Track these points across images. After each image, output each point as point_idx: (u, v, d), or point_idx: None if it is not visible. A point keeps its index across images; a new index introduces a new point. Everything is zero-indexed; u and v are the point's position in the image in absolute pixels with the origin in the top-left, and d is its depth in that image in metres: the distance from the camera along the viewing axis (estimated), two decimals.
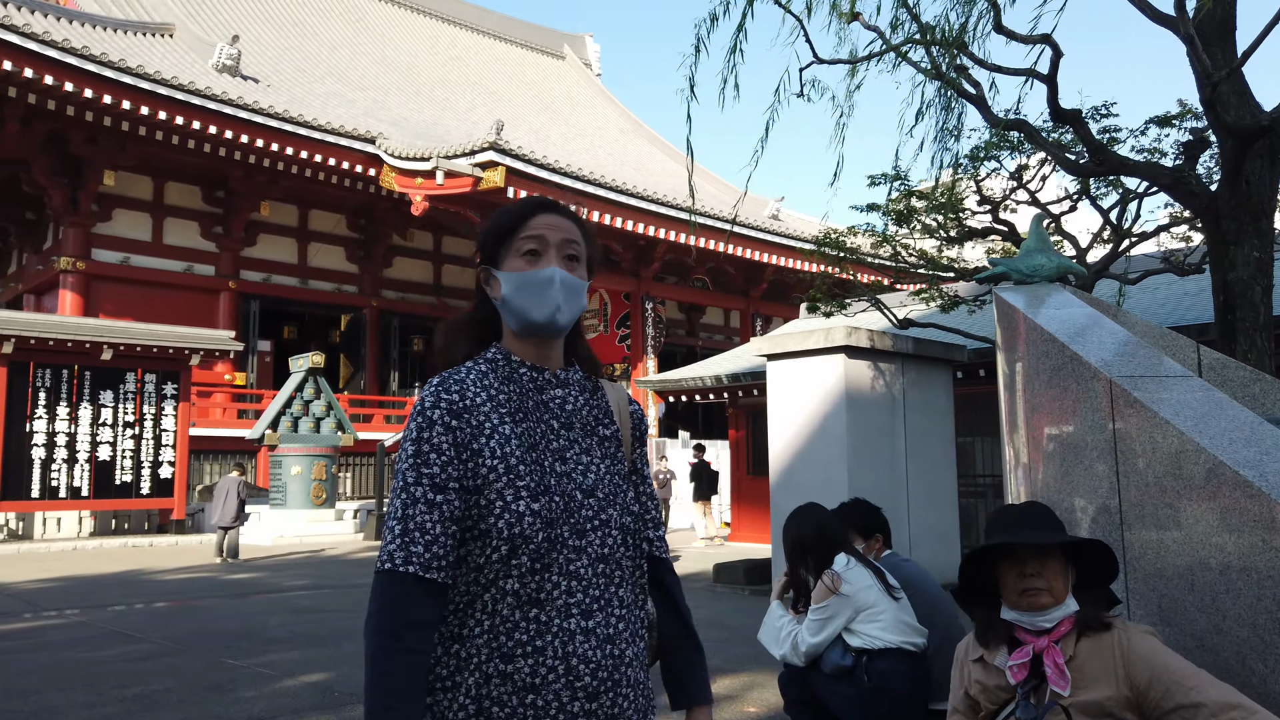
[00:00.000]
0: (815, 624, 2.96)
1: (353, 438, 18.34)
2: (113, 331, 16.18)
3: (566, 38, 46.00)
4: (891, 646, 2.91)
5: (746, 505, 13.65)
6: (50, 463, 15.56)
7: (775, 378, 8.83)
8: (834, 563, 3.03)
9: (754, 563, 9.48)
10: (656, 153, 38.80)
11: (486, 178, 20.24)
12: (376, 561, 1.34)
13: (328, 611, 8.20)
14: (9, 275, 25.44)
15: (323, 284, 25.63)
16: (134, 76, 18.32)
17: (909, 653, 2.93)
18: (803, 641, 2.97)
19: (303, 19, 32.66)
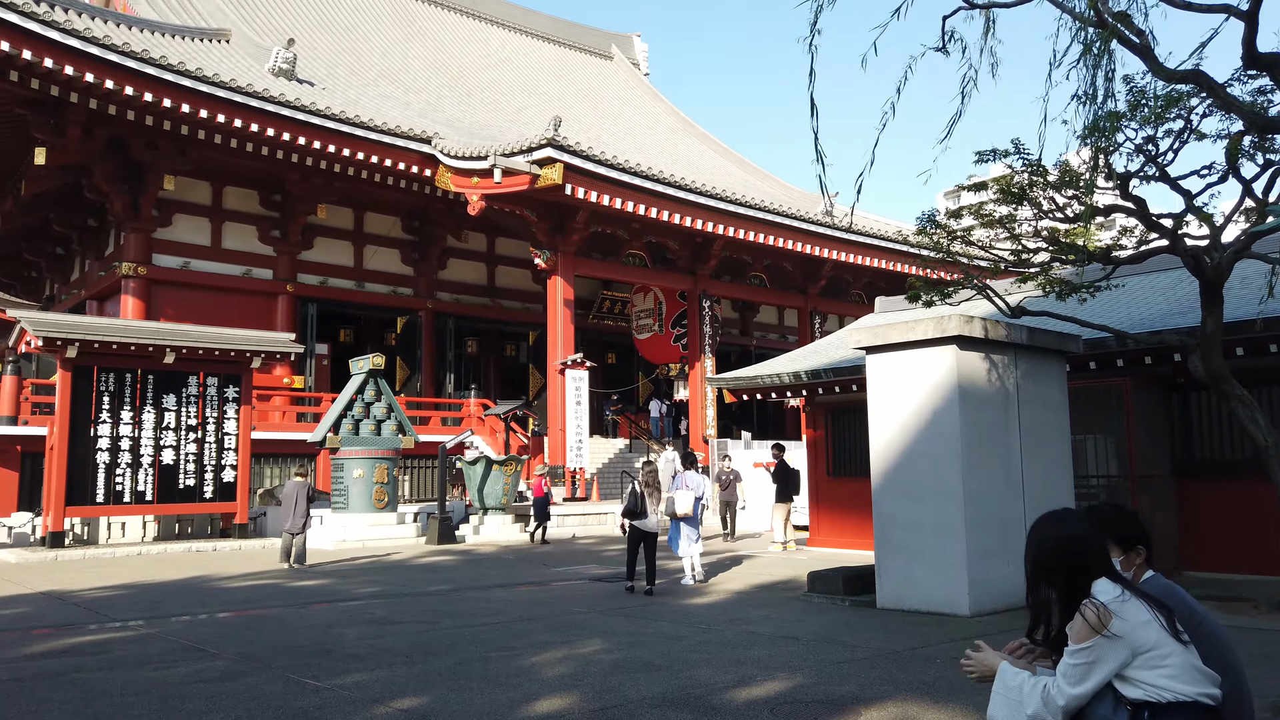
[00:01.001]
0: (1077, 670, 2.27)
1: (413, 440, 18.03)
2: (175, 335, 16.05)
3: (614, 38, 45.65)
4: (1185, 700, 2.23)
5: (827, 508, 12.97)
6: (114, 467, 15.46)
7: (877, 371, 8.19)
8: (1095, 589, 2.34)
9: (854, 571, 8.83)
10: (707, 151, 38.19)
11: (544, 175, 19.83)
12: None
13: (404, 623, 7.75)
14: (72, 282, 25.72)
15: (378, 286, 25.50)
16: (192, 79, 18.26)
17: (1206, 707, 2.26)
18: (1060, 694, 2.27)
19: (355, 24, 32.69)
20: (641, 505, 9.67)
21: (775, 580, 10.34)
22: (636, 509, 9.68)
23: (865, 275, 30.15)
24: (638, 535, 9.73)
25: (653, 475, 9.99)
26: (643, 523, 9.70)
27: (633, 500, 9.75)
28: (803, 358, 13.13)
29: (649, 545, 9.67)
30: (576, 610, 8.45)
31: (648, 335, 27.74)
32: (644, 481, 9.84)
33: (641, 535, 9.71)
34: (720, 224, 23.15)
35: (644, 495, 9.71)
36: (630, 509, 9.75)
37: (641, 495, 9.72)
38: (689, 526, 10.22)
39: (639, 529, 9.72)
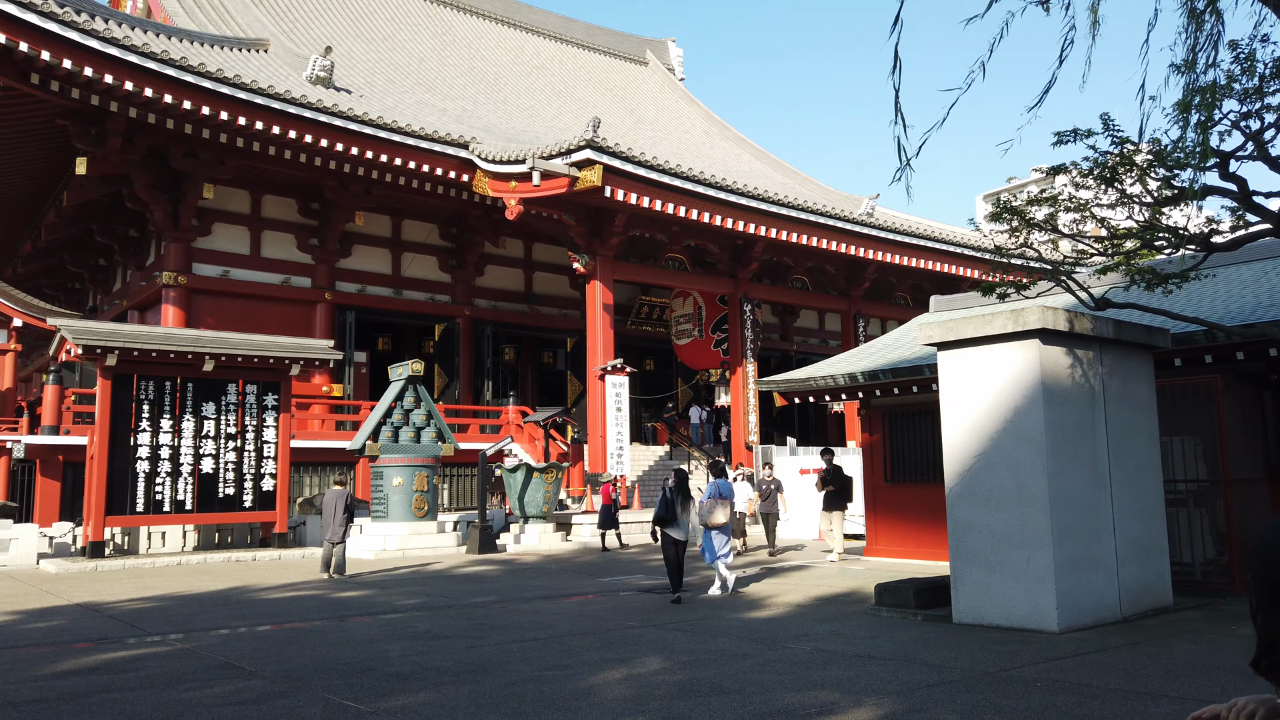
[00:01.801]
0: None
1: (453, 447, 17.70)
2: (214, 342, 15.88)
3: (649, 43, 45.39)
4: None
5: (884, 515, 12.38)
6: (154, 476, 15.31)
7: (950, 369, 7.64)
8: None
9: (926, 583, 8.26)
10: (743, 154, 37.70)
11: (583, 177, 19.47)
12: None
13: (449, 638, 7.33)
14: (114, 293, 25.86)
15: (416, 294, 25.32)
16: (230, 85, 18.18)
17: None
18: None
19: (392, 34, 32.71)
20: (672, 512, 9.65)
21: (836, 592, 9.78)
22: (668, 516, 9.66)
23: (911, 277, 29.43)
24: (671, 542, 9.71)
25: (682, 482, 9.91)
26: (674, 529, 9.67)
27: (664, 508, 9.73)
28: (857, 359, 12.58)
29: (679, 552, 9.70)
30: (628, 624, 7.99)
31: (687, 340, 27.26)
32: (673, 488, 9.80)
33: (675, 542, 9.70)
34: (761, 225, 22.63)
35: (675, 502, 9.69)
36: (661, 516, 9.72)
37: (673, 502, 9.70)
38: (720, 535, 10.12)
39: (671, 536, 9.69)
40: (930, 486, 11.79)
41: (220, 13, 26.61)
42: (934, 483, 11.77)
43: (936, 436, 11.80)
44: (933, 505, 11.78)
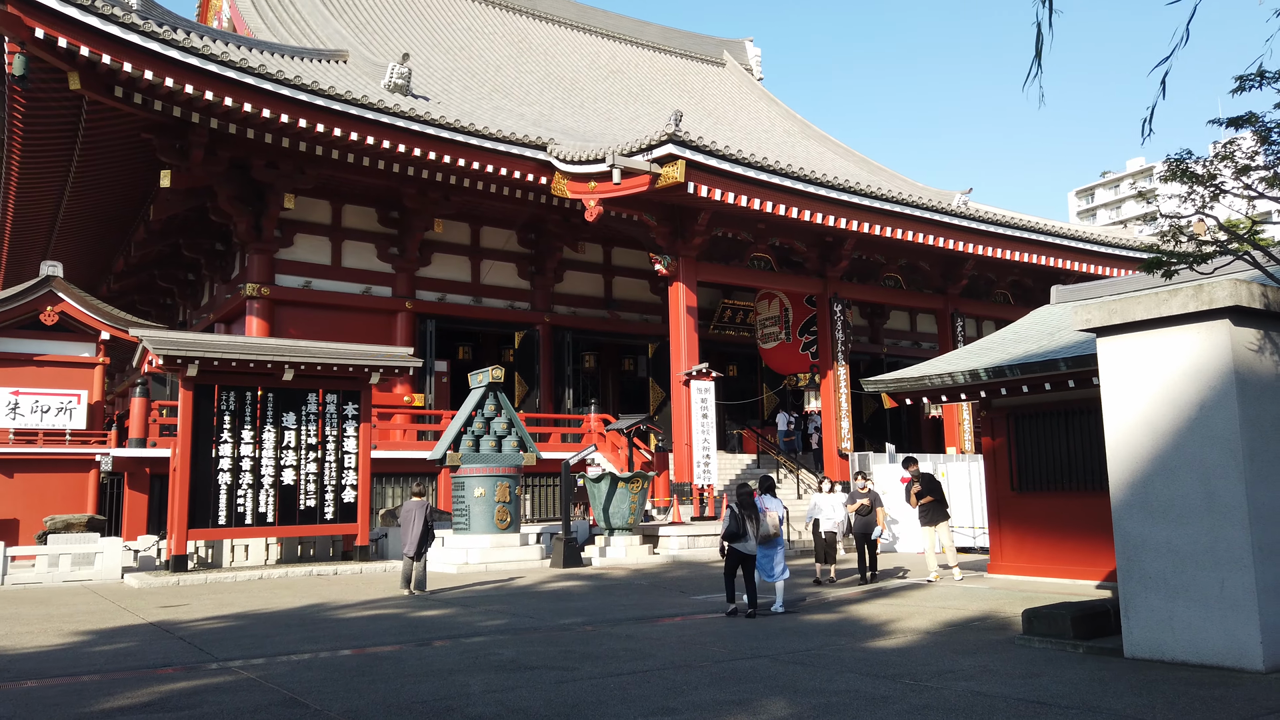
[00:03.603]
0: None
1: (535, 457, 17.05)
2: (293, 350, 15.58)
3: (726, 44, 44.55)
4: None
5: (1011, 528, 11.13)
6: (236, 488, 15.04)
7: (1115, 358, 6.51)
8: None
9: (1085, 608, 7.09)
10: (826, 152, 36.43)
11: (665, 174, 18.66)
12: None
13: (537, 669, 6.53)
14: (202, 306, 26.18)
15: (495, 301, 24.91)
16: (309, 93, 18.00)
17: None
18: None
19: (468, 43, 32.63)
20: (741, 527, 9.69)
21: (967, 617, 8.65)
22: (737, 531, 9.70)
23: (1011, 272, 27.75)
24: (736, 557, 9.77)
25: (747, 497, 9.94)
26: (742, 545, 9.70)
27: (732, 522, 9.77)
28: (976, 355, 11.39)
29: (747, 567, 9.71)
30: (737, 654, 7.05)
31: (773, 344, 26.15)
32: (739, 504, 9.85)
33: (740, 557, 9.73)
34: (852, 220, 21.44)
35: (743, 517, 9.74)
36: (731, 531, 9.75)
37: (741, 517, 9.74)
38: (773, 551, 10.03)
39: (738, 551, 9.73)
40: (1066, 495, 10.54)
41: (301, 27, 26.81)
42: (1071, 491, 10.53)
43: (1071, 439, 10.57)
44: (1070, 516, 10.54)
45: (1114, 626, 6.93)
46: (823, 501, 13.04)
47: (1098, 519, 10.26)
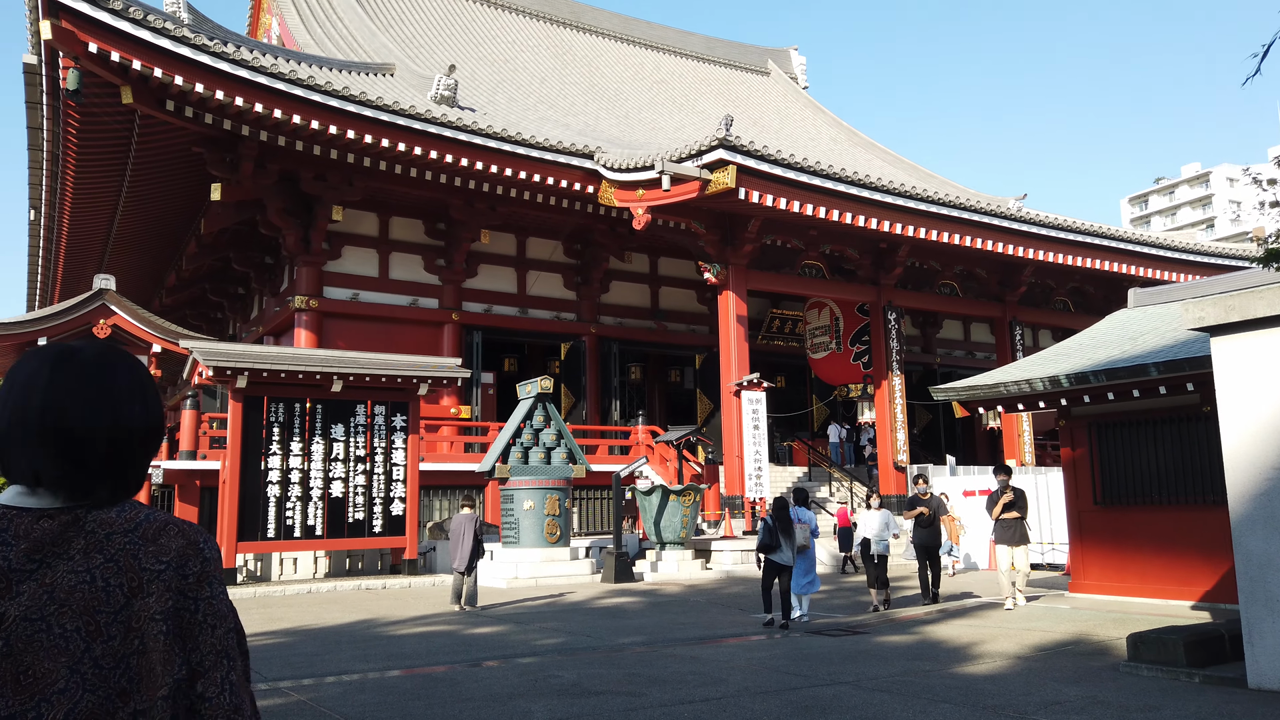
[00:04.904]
0: None
1: (584, 469, 16.68)
2: (342, 361, 15.43)
3: (770, 53, 44.17)
4: None
5: (1095, 544, 10.46)
6: (285, 501, 14.89)
7: (1231, 359, 5.95)
8: None
9: (1198, 633, 6.49)
10: (874, 159, 35.76)
11: (715, 179, 18.28)
12: None
13: (601, 694, 6.11)
14: (251, 320, 26.34)
15: (542, 312, 24.67)
16: (358, 104, 17.96)
17: None
18: None
19: (512, 55, 32.65)
20: (775, 539, 9.76)
21: (1057, 640, 8.05)
22: (771, 543, 9.76)
23: (1072, 279, 26.87)
24: (773, 569, 9.86)
25: (782, 509, 9.98)
26: (778, 556, 9.76)
27: (767, 535, 9.84)
28: (1053, 360, 10.78)
29: (784, 579, 9.81)
30: (815, 679, 6.57)
31: (824, 354, 25.53)
32: (774, 515, 9.91)
33: (777, 569, 9.82)
34: (908, 225, 20.84)
35: (777, 529, 9.78)
36: (766, 544, 9.83)
37: (775, 529, 9.79)
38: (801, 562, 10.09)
39: (774, 562, 9.81)
40: (1156, 510, 9.88)
41: (349, 41, 26.98)
42: (1161, 505, 9.86)
43: (1161, 449, 9.90)
44: (1160, 532, 9.87)
45: (1230, 653, 6.33)
46: (866, 519, 11.84)
47: (1192, 534, 9.59)
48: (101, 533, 1.20)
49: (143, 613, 1.18)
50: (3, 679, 1.12)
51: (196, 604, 1.21)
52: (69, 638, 1.15)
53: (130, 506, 1.26)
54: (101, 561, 1.19)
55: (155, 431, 1.30)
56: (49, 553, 1.18)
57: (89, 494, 1.23)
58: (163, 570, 1.20)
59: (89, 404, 1.23)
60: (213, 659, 1.21)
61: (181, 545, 1.24)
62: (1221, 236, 75.32)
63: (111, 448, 1.24)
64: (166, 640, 1.18)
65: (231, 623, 1.25)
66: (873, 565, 11.30)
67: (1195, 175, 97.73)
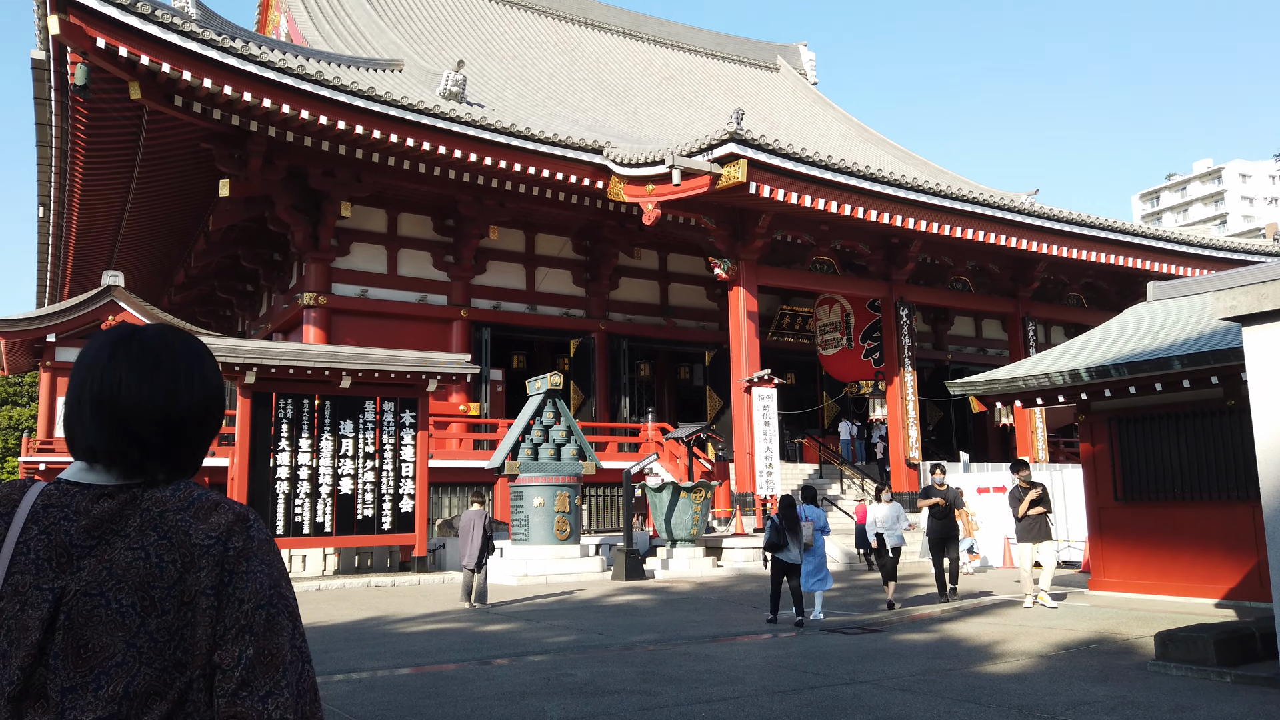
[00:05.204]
0: None
1: (595, 465, 16.55)
2: (350, 357, 15.34)
3: (779, 49, 43.94)
4: None
5: (1115, 541, 10.27)
6: (293, 498, 14.80)
7: (1265, 347, 5.77)
8: None
9: (1228, 631, 6.32)
10: (885, 155, 35.53)
11: (726, 174, 18.12)
12: None
13: (616, 693, 5.98)
14: (260, 317, 26.29)
15: (550, 309, 24.55)
16: (366, 99, 17.85)
17: None
18: None
19: (521, 52, 32.53)
20: (782, 537, 9.73)
21: (1080, 638, 7.88)
22: (779, 542, 9.75)
23: (1085, 274, 26.64)
24: (780, 567, 9.82)
25: (789, 507, 9.98)
26: (785, 554, 9.75)
27: (773, 533, 9.80)
28: (1071, 354, 10.60)
29: (792, 577, 9.77)
30: (835, 678, 6.42)
31: (834, 351, 25.35)
32: (781, 513, 9.90)
33: (785, 567, 9.79)
34: (920, 219, 20.65)
35: (784, 528, 9.76)
36: (772, 542, 9.80)
37: (782, 528, 9.77)
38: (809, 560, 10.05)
39: (781, 561, 9.79)
40: (1179, 505, 9.69)
41: (357, 38, 26.90)
42: (1184, 500, 9.68)
43: (1184, 444, 9.71)
44: (1183, 528, 9.68)
45: (1262, 652, 6.16)
46: (879, 513, 11.61)
47: (1215, 531, 9.41)
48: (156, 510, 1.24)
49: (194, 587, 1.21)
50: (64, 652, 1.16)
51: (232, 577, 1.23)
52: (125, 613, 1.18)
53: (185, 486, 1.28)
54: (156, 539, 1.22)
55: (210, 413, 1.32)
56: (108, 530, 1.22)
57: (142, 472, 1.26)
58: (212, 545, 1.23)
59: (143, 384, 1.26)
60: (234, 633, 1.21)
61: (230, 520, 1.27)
62: (1234, 233, 74.78)
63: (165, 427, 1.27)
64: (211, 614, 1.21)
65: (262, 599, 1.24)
66: (885, 558, 11.10)
67: (1207, 171, 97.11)
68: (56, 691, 1.15)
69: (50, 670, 1.15)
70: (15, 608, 1.17)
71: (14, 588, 1.18)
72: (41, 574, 1.19)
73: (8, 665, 1.15)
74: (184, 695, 1.19)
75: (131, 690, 1.16)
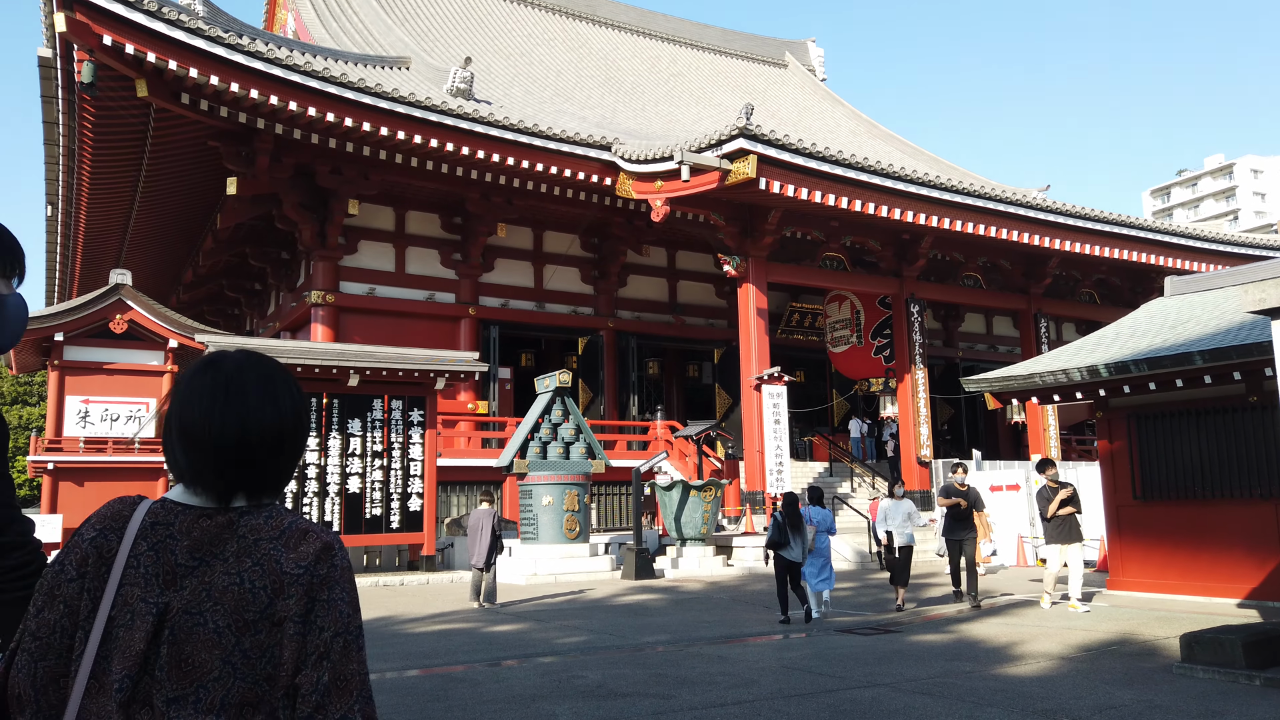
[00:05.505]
0: None
1: (604, 464, 16.44)
2: (358, 355, 15.26)
3: (788, 45, 43.73)
4: None
5: (1134, 540, 10.10)
6: (302, 496, 14.73)
7: None
8: None
9: (1256, 633, 6.16)
10: (894, 151, 35.30)
11: (736, 170, 17.97)
12: None
13: (628, 696, 5.86)
14: (268, 315, 26.26)
15: (559, 307, 24.44)
16: (373, 96, 17.77)
17: None
18: None
19: (529, 49, 32.43)
20: (784, 536, 9.68)
21: (1102, 640, 7.73)
22: (780, 539, 9.70)
23: (1098, 270, 26.40)
24: (783, 565, 9.76)
25: (792, 506, 9.89)
26: (787, 552, 9.69)
27: (776, 531, 9.75)
28: (1089, 350, 10.43)
29: (794, 574, 9.75)
30: (851, 681, 6.29)
31: (844, 348, 25.17)
32: (784, 512, 9.83)
33: (787, 565, 9.74)
34: (932, 215, 20.46)
35: (786, 526, 9.70)
36: (775, 540, 9.75)
37: (784, 526, 9.71)
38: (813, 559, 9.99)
39: (784, 558, 9.72)
40: (1200, 504, 9.51)
41: (364, 35, 26.83)
42: (1205, 499, 9.50)
43: (1205, 441, 9.53)
44: (1204, 527, 9.51)
45: None
46: (892, 509, 11.04)
47: (1237, 529, 9.24)
48: (251, 538, 1.33)
49: (283, 612, 1.30)
50: (169, 664, 1.26)
51: (315, 604, 1.31)
52: (221, 632, 1.28)
53: (277, 513, 1.37)
54: (250, 565, 1.31)
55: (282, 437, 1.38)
56: (207, 552, 1.31)
57: (224, 494, 1.35)
58: (300, 574, 1.31)
59: (217, 414, 1.34)
60: (315, 658, 1.29)
61: (317, 550, 1.34)
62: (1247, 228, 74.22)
63: (239, 454, 1.34)
64: (297, 639, 1.29)
65: (341, 627, 1.32)
66: (895, 559, 10.64)
67: (1219, 167, 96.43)
68: (162, 701, 1.24)
69: (155, 681, 1.25)
70: (126, 618, 1.27)
71: (124, 599, 1.28)
72: (149, 588, 1.29)
73: (117, 673, 1.25)
74: (274, 708, 1.28)
75: (228, 701, 1.25)
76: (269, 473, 1.37)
